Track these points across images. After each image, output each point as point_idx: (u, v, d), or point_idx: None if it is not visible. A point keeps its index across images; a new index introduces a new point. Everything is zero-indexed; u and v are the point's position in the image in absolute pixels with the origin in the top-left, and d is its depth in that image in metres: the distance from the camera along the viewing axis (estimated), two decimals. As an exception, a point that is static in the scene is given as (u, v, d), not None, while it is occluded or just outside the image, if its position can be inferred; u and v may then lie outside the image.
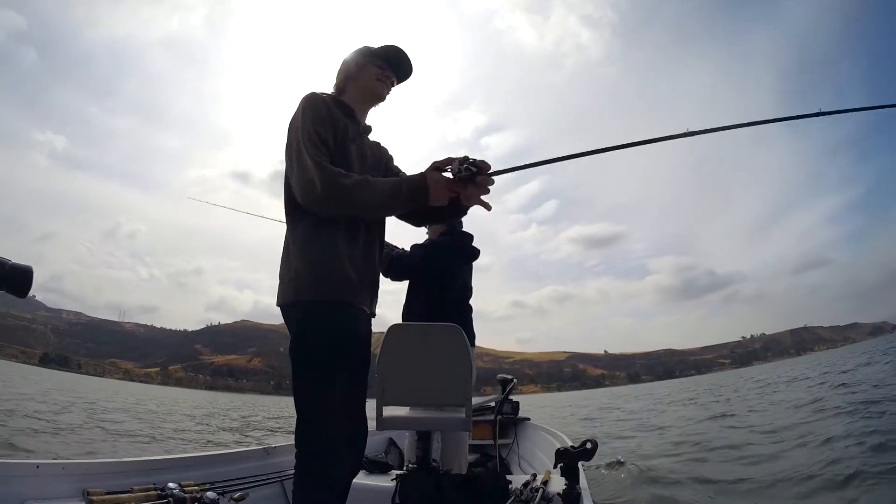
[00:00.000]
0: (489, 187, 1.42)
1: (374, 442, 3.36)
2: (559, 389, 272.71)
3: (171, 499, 1.55)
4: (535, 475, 1.99)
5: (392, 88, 1.66)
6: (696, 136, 1.82)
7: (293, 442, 1.38)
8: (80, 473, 1.48)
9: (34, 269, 0.89)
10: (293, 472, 1.36)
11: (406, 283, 2.86)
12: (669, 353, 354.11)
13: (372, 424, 1.62)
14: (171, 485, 1.60)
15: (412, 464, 2.18)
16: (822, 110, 1.96)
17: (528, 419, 4.45)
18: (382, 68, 1.60)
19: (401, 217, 1.66)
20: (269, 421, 15.09)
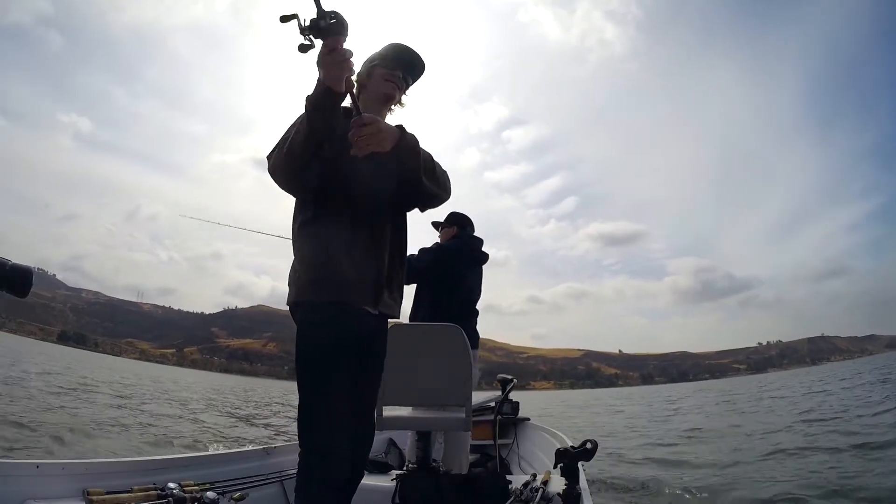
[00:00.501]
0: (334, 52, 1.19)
1: (375, 442, 3.35)
2: (572, 387, 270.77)
3: (171, 498, 1.55)
4: (535, 475, 1.99)
5: (406, 87, 1.63)
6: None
7: (293, 442, 1.38)
8: (80, 473, 1.48)
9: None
10: (293, 471, 1.36)
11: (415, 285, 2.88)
12: (684, 356, 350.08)
13: None
14: (171, 484, 1.60)
15: (412, 464, 2.18)
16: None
17: (528, 419, 4.44)
18: (388, 68, 1.58)
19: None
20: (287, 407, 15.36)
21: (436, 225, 3.07)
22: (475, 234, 3.04)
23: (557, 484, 1.83)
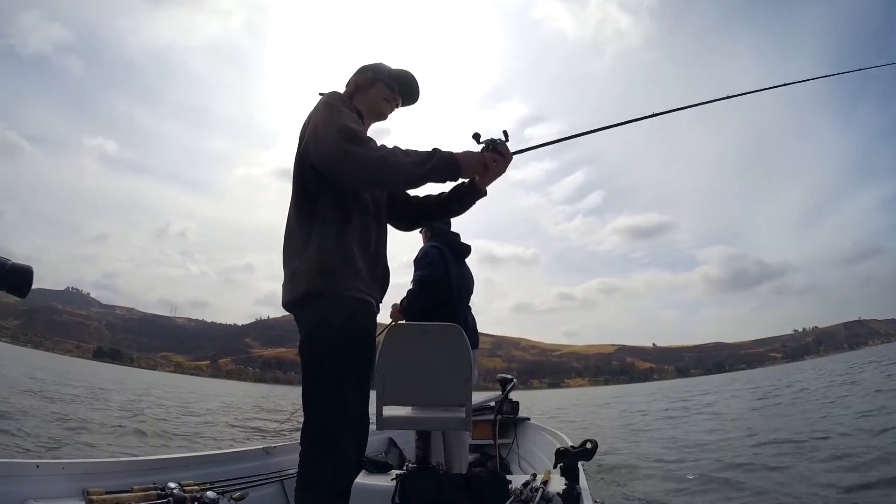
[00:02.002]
0: (507, 164, 1.48)
1: (374, 442, 3.35)
2: (606, 383, 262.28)
3: (171, 498, 1.55)
4: (534, 475, 1.99)
5: (395, 110, 1.69)
6: (675, 113, 1.89)
7: (293, 442, 1.38)
8: (80, 473, 1.48)
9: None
10: (293, 471, 1.35)
11: (407, 282, 2.87)
12: (719, 347, 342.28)
13: (372, 425, 1.62)
14: (171, 484, 1.60)
15: (412, 464, 2.18)
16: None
17: (528, 419, 4.45)
18: (392, 90, 1.64)
19: (428, 209, 1.68)
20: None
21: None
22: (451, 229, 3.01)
23: (557, 484, 1.82)
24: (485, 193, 1.59)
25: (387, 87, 1.63)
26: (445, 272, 2.71)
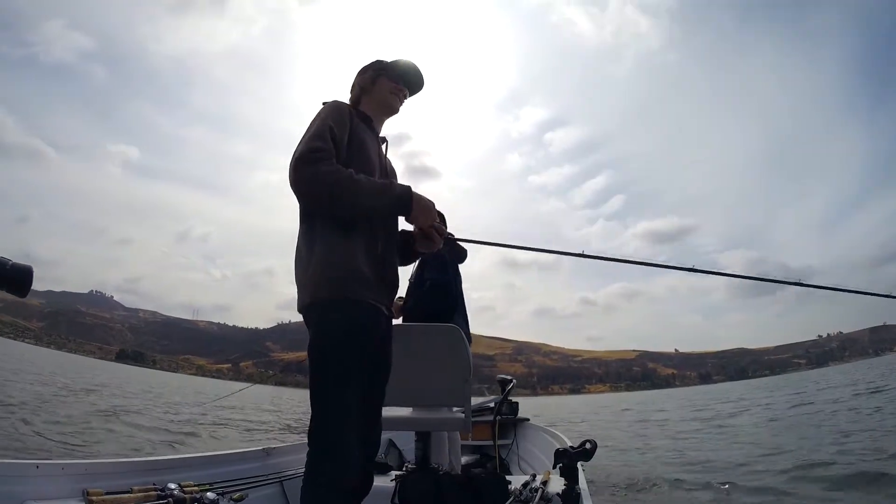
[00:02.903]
0: (433, 241, 1.57)
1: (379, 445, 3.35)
2: (628, 389, 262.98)
3: (170, 499, 1.55)
4: (534, 475, 1.99)
5: (405, 101, 1.71)
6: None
7: (293, 443, 1.38)
8: (79, 473, 1.48)
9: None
10: (293, 472, 1.35)
11: (407, 283, 2.87)
12: (742, 353, 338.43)
13: None
14: (171, 485, 1.60)
15: (412, 464, 2.18)
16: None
17: (528, 419, 4.45)
18: (396, 82, 1.66)
19: None
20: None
21: None
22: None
23: (557, 484, 1.83)
24: (418, 257, 1.73)
25: (390, 80, 1.65)
26: (454, 279, 2.71)
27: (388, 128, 1.74)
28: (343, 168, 1.36)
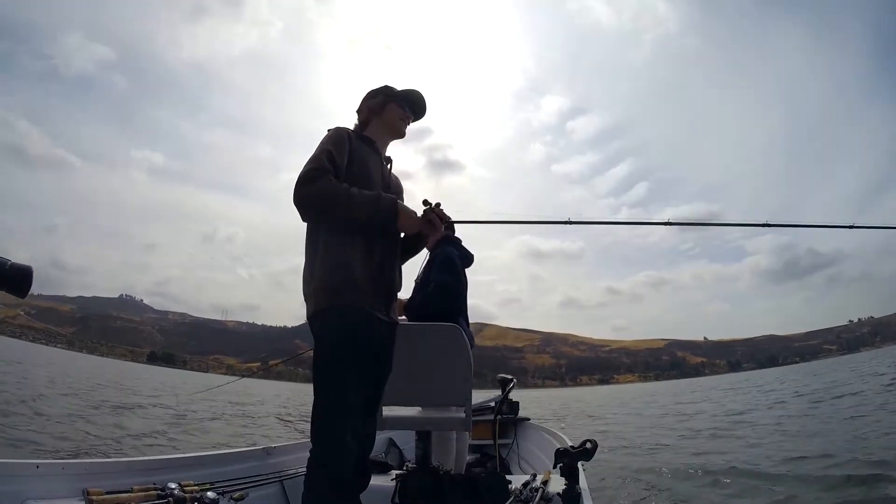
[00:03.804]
0: (435, 226, 1.67)
1: (374, 442, 3.35)
2: (657, 379, 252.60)
3: (171, 499, 1.55)
4: (534, 475, 1.99)
5: (408, 126, 1.88)
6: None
7: (293, 442, 1.41)
8: (80, 473, 1.48)
9: (33, 268, 0.89)
10: (293, 471, 1.37)
11: (412, 284, 2.87)
12: (772, 340, 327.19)
13: None
14: (171, 485, 1.60)
15: (412, 464, 2.18)
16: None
17: (528, 419, 4.45)
18: (404, 109, 1.83)
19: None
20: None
21: None
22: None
23: (557, 484, 1.83)
24: (424, 244, 1.95)
25: (399, 107, 1.82)
26: (460, 280, 2.71)
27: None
28: (339, 184, 1.53)
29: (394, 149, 1.90)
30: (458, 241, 2.94)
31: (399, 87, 1.86)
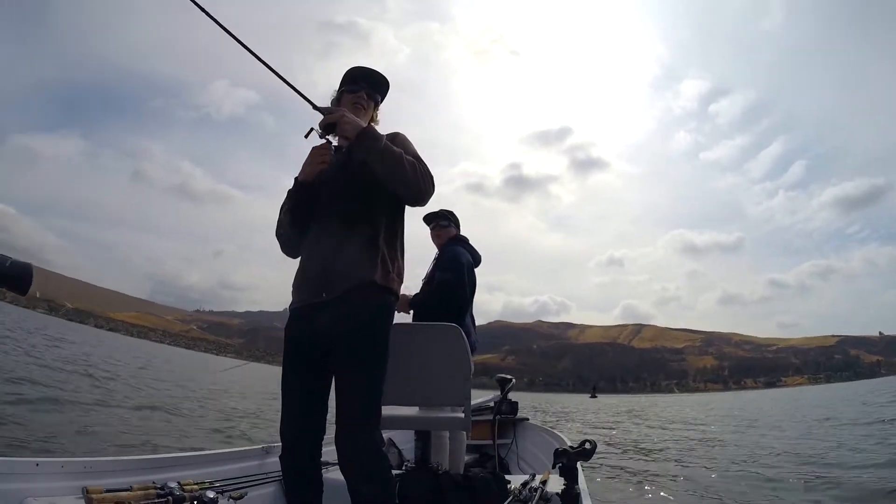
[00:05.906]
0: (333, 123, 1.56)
1: None
2: (828, 381, 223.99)
3: (170, 497, 1.55)
4: (533, 475, 2.00)
5: (374, 100, 1.76)
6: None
7: None
8: (79, 471, 1.48)
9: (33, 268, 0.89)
10: None
11: (420, 282, 2.87)
12: None
13: None
14: (170, 483, 1.60)
15: (411, 464, 2.19)
16: None
17: (527, 419, 4.45)
18: (351, 90, 1.72)
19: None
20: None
21: (428, 219, 2.96)
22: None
23: (556, 484, 1.83)
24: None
25: (347, 92, 1.72)
26: (467, 280, 2.71)
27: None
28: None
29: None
30: (466, 239, 2.94)
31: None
